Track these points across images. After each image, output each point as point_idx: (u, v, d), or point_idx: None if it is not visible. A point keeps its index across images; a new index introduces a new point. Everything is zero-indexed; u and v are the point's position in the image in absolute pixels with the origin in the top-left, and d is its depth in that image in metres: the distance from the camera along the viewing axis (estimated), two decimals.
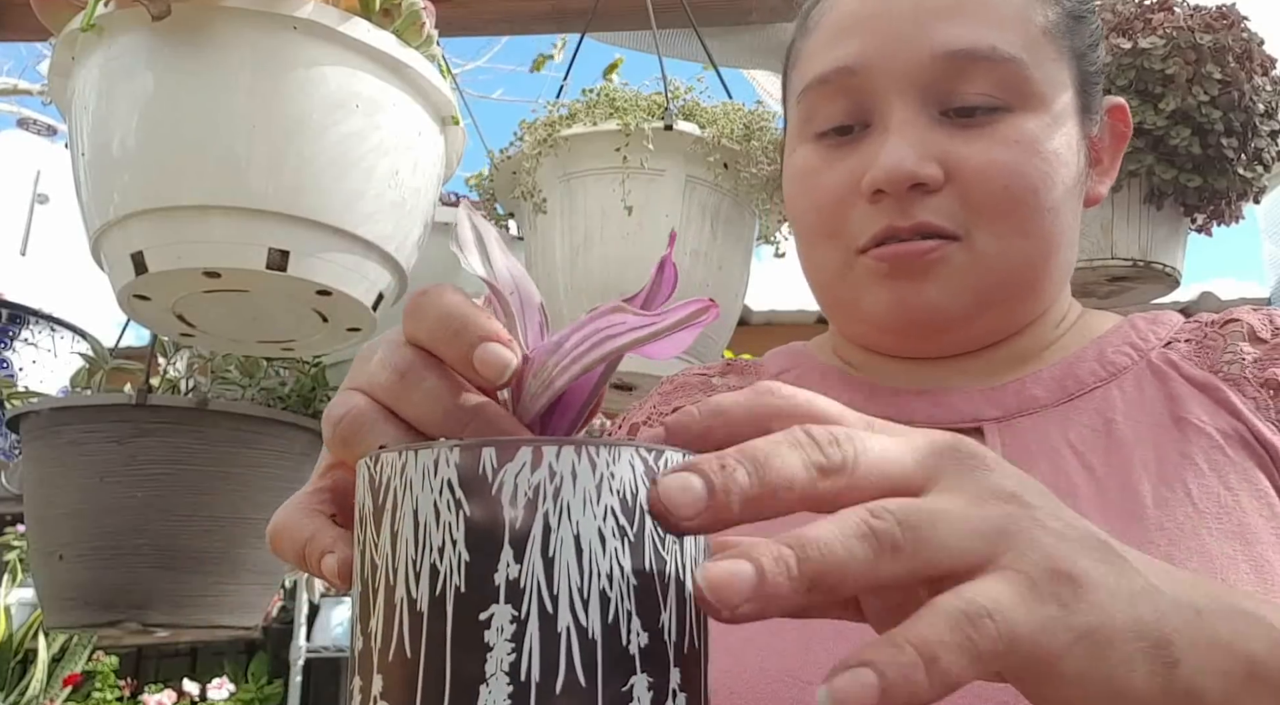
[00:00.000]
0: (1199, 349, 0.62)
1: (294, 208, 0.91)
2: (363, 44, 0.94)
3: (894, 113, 0.59)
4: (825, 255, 0.63)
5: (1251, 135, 1.25)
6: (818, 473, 0.30)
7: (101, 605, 1.16)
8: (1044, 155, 0.59)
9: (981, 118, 0.59)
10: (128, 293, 0.97)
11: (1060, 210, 0.60)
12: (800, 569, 0.28)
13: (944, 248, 0.59)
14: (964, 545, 0.30)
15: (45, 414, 1.19)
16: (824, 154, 0.62)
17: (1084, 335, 0.66)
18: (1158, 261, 1.33)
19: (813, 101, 0.63)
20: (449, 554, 0.29)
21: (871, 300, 0.61)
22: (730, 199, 1.21)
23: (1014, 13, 0.60)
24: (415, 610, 0.29)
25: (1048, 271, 0.62)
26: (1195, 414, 0.59)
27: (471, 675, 0.28)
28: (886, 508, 0.30)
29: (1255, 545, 0.53)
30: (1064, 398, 0.62)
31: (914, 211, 0.58)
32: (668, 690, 0.29)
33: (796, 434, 0.31)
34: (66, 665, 3.42)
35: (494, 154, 1.30)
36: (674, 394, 0.76)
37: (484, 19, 1.67)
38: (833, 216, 0.62)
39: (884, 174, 0.58)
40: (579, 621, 0.28)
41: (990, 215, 0.58)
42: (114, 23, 0.92)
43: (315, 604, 3.93)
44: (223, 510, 1.20)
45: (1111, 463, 0.58)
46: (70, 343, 1.79)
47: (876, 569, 0.29)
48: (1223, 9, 1.27)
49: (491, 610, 0.28)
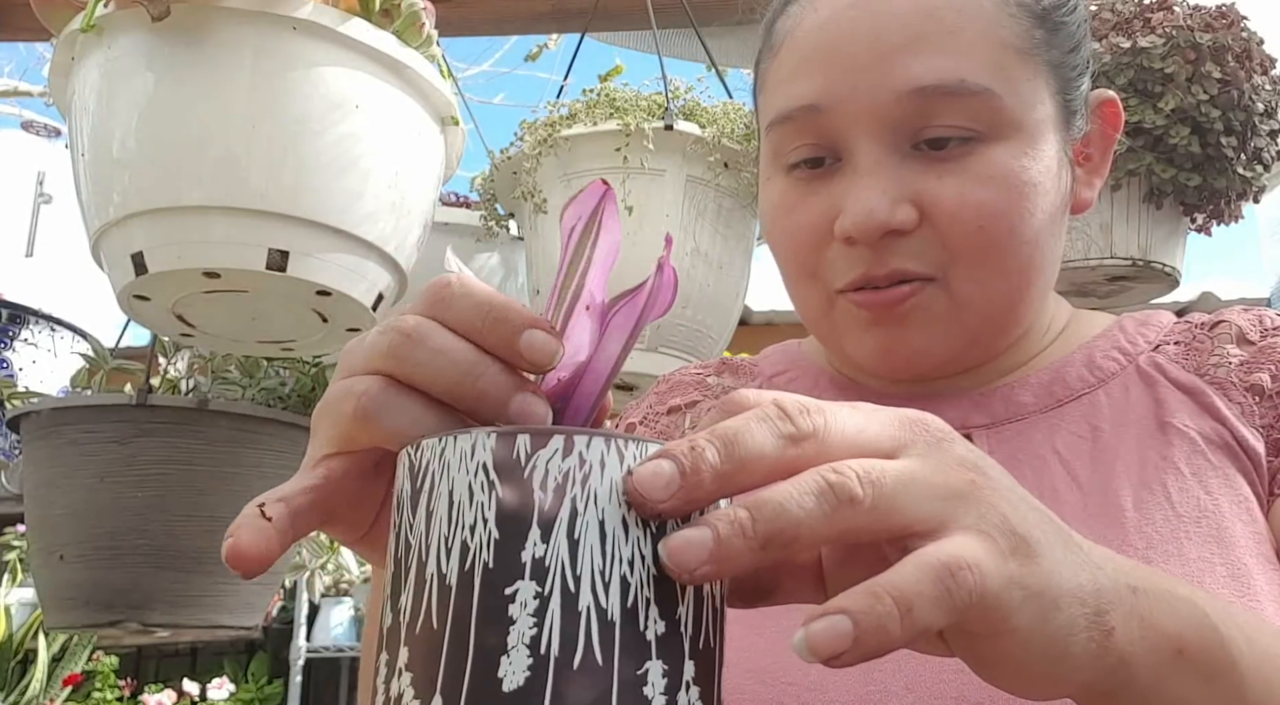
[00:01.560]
0: (1187, 351, 0.62)
1: (294, 208, 0.91)
2: (362, 44, 0.94)
3: (862, 152, 0.57)
4: (806, 293, 0.63)
5: (1251, 135, 1.25)
6: (787, 441, 0.32)
7: (101, 605, 1.16)
8: (1020, 188, 0.56)
9: (954, 149, 0.56)
10: (128, 293, 0.98)
11: (1040, 239, 0.58)
12: (755, 529, 0.30)
13: (921, 292, 0.57)
14: (926, 506, 0.32)
15: (45, 414, 1.19)
16: (797, 188, 0.61)
17: (1073, 340, 0.65)
18: (1157, 261, 1.33)
19: (780, 136, 0.61)
20: (480, 532, 0.30)
21: (855, 343, 0.60)
22: (730, 199, 1.21)
23: (980, 36, 0.56)
24: (444, 584, 0.30)
25: (1028, 300, 0.61)
26: (1180, 418, 0.58)
27: (494, 646, 0.29)
28: (849, 464, 0.31)
29: (1233, 550, 0.53)
30: (1052, 404, 0.61)
31: (888, 259, 0.57)
32: (681, 680, 0.30)
33: (767, 408, 0.32)
34: (66, 665, 3.42)
35: (494, 154, 1.30)
36: (669, 393, 0.76)
37: (484, 19, 1.67)
38: (810, 257, 0.60)
39: (853, 224, 0.56)
40: (599, 602, 0.29)
41: (967, 258, 0.57)
42: (114, 23, 0.92)
43: (315, 604, 3.93)
44: (223, 510, 1.20)
45: (1096, 468, 0.58)
46: (70, 343, 1.79)
47: (831, 523, 0.30)
48: (1222, 8, 1.27)
49: (517, 586, 0.29)
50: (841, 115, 0.58)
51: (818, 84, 0.58)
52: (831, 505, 0.30)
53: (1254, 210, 1.37)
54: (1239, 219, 1.34)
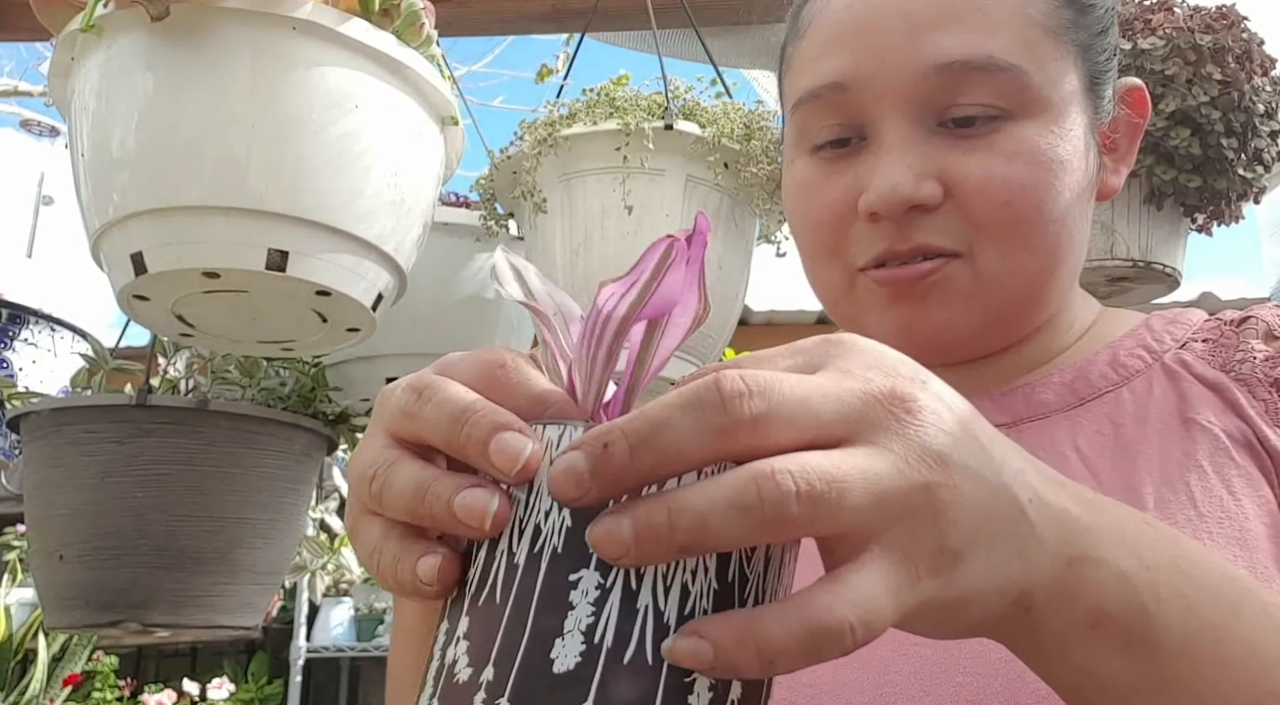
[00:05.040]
0: (1214, 348, 0.60)
1: (293, 208, 0.91)
2: (362, 44, 0.94)
3: (888, 129, 0.57)
4: (827, 273, 0.62)
5: (1251, 135, 1.25)
6: (715, 434, 0.29)
7: (101, 605, 1.16)
8: (1048, 165, 0.56)
9: (981, 127, 0.56)
10: (128, 293, 0.98)
11: (1067, 219, 0.58)
12: (673, 537, 0.29)
13: (945, 267, 0.57)
14: (864, 517, 0.30)
15: (45, 414, 1.19)
16: (821, 168, 0.61)
17: (1099, 338, 0.64)
18: (1158, 262, 1.33)
19: (806, 115, 0.61)
20: (554, 518, 0.31)
21: (876, 322, 0.60)
22: (730, 199, 1.21)
23: (1009, 14, 0.57)
24: (512, 562, 0.31)
25: (1055, 281, 0.60)
26: (1204, 415, 0.57)
27: (550, 628, 0.30)
28: (789, 467, 0.29)
29: (1256, 553, 0.52)
30: (1074, 402, 0.60)
31: (911, 234, 0.57)
32: (726, 699, 0.30)
33: (700, 392, 0.29)
34: (66, 665, 3.42)
35: (494, 154, 1.30)
36: None
37: (484, 19, 1.67)
38: (832, 235, 0.60)
39: (879, 198, 0.56)
40: (658, 604, 0.30)
41: (993, 232, 0.56)
42: (113, 23, 0.92)
43: (315, 604, 3.93)
44: (223, 510, 1.20)
45: (1117, 466, 0.56)
46: (70, 343, 1.79)
47: (757, 535, 0.29)
48: (1223, 9, 1.27)
49: (581, 573, 0.30)
50: (868, 92, 0.57)
51: (846, 61, 0.58)
52: (757, 521, 0.28)
53: (1254, 210, 1.37)
54: (1239, 219, 1.34)
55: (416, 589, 0.32)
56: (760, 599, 0.32)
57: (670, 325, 0.36)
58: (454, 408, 0.32)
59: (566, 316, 0.38)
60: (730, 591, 0.31)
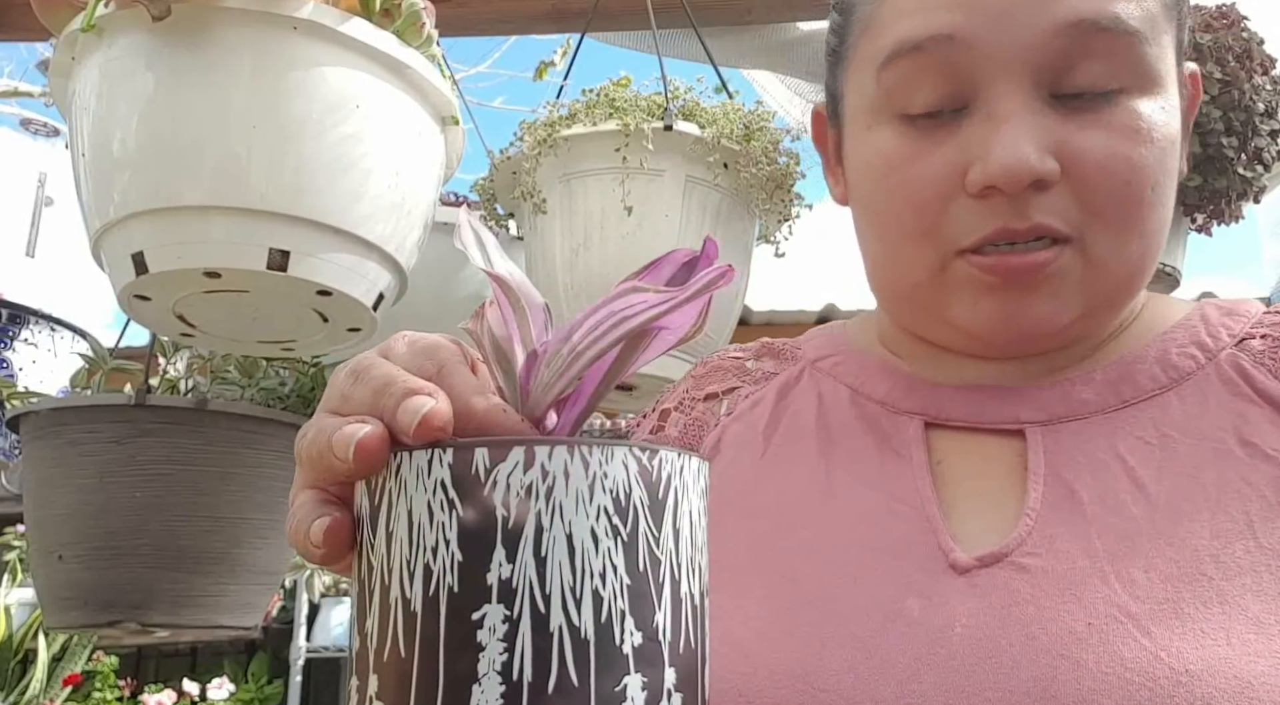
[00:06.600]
0: (1275, 348, 0.55)
1: (294, 208, 0.91)
2: (363, 44, 0.94)
3: (1004, 97, 0.52)
4: (914, 255, 0.56)
5: (1251, 135, 1.25)
6: None
7: (101, 605, 1.16)
8: (1159, 143, 0.52)
9: (1092, 101, 0.52)
10: (128, 293, 0.97)
11: (1170, 203, 0.54)
12: None
13: (1060, 257, 0.53)
14: None
15: (45, 414, 1.19)
16: (915, 138, 0.55)
17: (1149, 328, 0.59)
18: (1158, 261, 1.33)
19: (900, 75, 0.54)
20: (442, 554, 0.29)
21: (968, 309, 0.55)
22: (730, 199, 1.21)
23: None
24: (409, 610, 0.29)
25: (1153, 268, 0.56)
26: (1268, 441, 0.52)
27: (464, 674, 0.28)
28: None
29: None
30: (1116, 404, 0.56)
31: (1029, 212, 0.52)
32: (662, 690, 0.29)
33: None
34: (66, 665, 3.41)
35: (494, 154, 1.30)
36: (706, 378, 0.73)
37: (484, 19, 1.67)
38: (929, 213, 0.54)
39: (1001, 170, 0.51)
40: (571, 621, 0.28)
41: (1109, 215, 0.52)
42: (114, 23, 0.92)
43: (315, 604, 3.93)
44: (223, 510, 1.20)
45: (1164, 481, 0.51)
46: (70, 343, 1.79)
47: None
48: (1223, 8, 1.27)
49: (484, 610, 0.28)
50: (982, 48, 0.52)
51: (958, 13, 0.52)
52: None
53: (1254, 210, 1.36)
54: (1239, 219, 1.34)
55: (307, 551, 0.34)
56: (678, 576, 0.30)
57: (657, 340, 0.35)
58: (377, 384, 0.34)
59: (527, 299, 0.36)
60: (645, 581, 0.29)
